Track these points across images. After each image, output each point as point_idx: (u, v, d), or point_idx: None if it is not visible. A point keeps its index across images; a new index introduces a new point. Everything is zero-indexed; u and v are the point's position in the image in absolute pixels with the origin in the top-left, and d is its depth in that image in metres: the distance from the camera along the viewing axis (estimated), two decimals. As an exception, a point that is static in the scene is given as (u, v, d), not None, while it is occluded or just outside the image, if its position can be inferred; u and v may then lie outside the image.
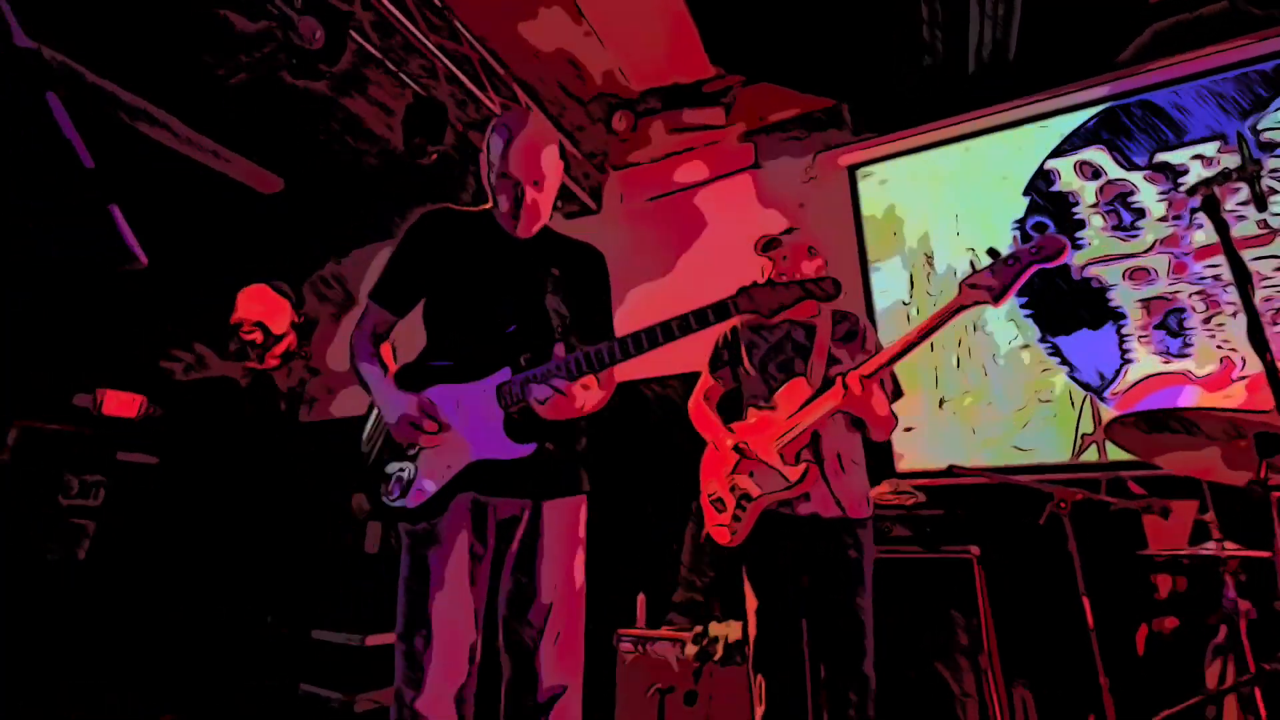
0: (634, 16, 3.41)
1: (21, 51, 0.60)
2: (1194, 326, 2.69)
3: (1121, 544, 2.34)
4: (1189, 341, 2.69)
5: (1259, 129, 2.68)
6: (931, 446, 3.05)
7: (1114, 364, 2.80)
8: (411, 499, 1.44)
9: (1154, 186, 2.85)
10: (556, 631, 1.46)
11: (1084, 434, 2.77)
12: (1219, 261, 2.67)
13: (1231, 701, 1.75)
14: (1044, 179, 3.08)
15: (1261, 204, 1.45)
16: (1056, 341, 2.93)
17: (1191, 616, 2.09)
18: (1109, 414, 2.73)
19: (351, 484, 3.64)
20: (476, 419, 1.44)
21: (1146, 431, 1.49)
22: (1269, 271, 2.58)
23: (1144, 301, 2.80)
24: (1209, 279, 2.69)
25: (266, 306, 3.31)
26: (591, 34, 3.49)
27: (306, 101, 3.60)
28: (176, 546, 3.60)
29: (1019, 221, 3.10)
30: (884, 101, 3.44)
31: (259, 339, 3.21)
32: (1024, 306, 3.02)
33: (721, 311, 1.38)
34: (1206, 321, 2.67)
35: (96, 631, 3.08)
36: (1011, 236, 3.10)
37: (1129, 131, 2.94)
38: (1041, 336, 2.96)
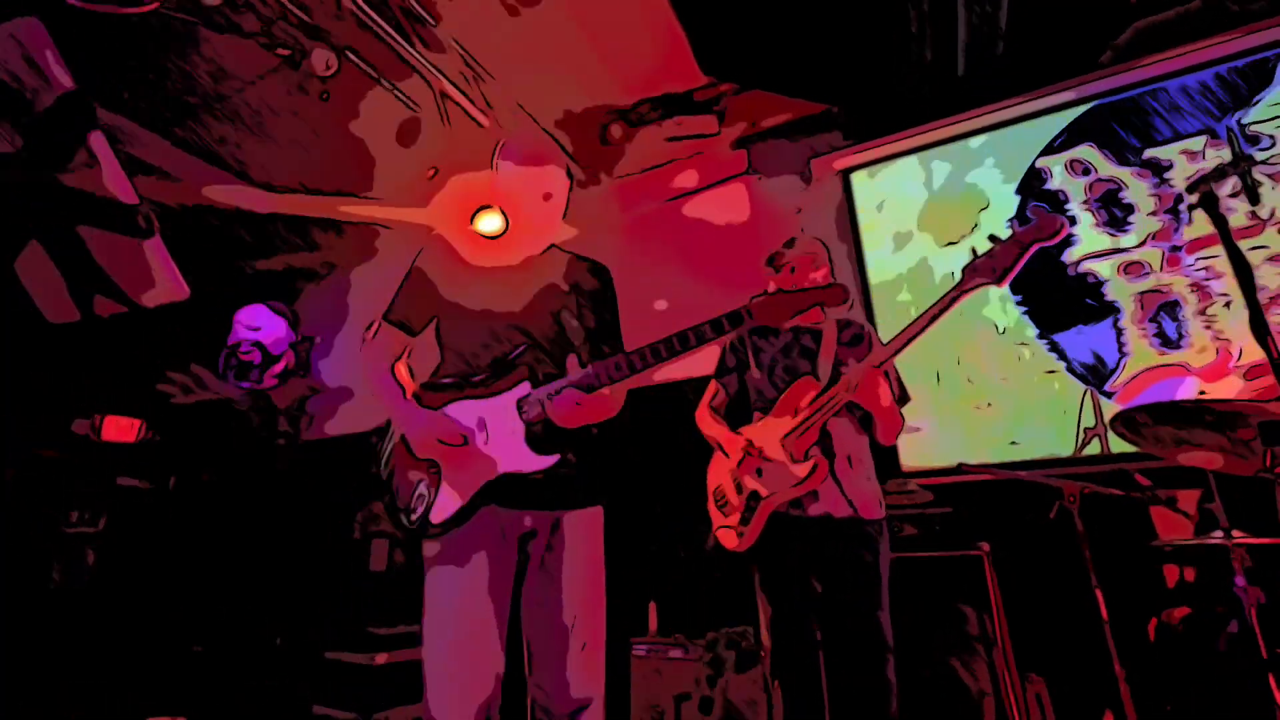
0: (624, 26, 3.44)
1: (68, 94, 0.61)
2: (1189, 318, 2.74)
3: (1131, 535, 2.36)
4: (1184, 333, 2.73)
5: (1244, 123, 2.74)
6: (935, 446, 3.08)
7: (1112, 357, 2.84)
8: (435, 514, 1.45)
9: (1143, 182, 2.90)
10: (581, 643, 1.47)
11: (1086, 428, 2.80)
12: (1211, 253, 2.71)
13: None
14: (1036, 178, 3.13)
15: (1254, 197, 1.48)
16: (1054, 338, 2.96)
17: (1201, 605, 2.11)
18: (1110, 407, 2.77)
19: (357, 501, 3.62)
20: (498, 433, 1.46)
21: (1157, 424, 1.51)
22: (1259, 262, 2.63)
23: (1138, 295, 2.84)
24: (1202, 271, 2.74)
25: (263, 327, 3.30)
26: (582, 43, 3.51)
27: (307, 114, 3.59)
28: (179, 569, 3.56)
29: (1012, 220, 3.15)
30: (876, 105, 3.49)
31: (257, 359, 3.19)
32: (1020, 304, 3.06)
33: (735, 320, 1.40)
34: (1201, 313, 2.72)
35: (101, 653, 3.04)
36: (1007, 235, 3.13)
37: (1117, 129, 2.99)
38: (1040, 333, 2.99)
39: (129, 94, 2.85)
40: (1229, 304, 2.67)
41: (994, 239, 1.70)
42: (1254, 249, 2.64)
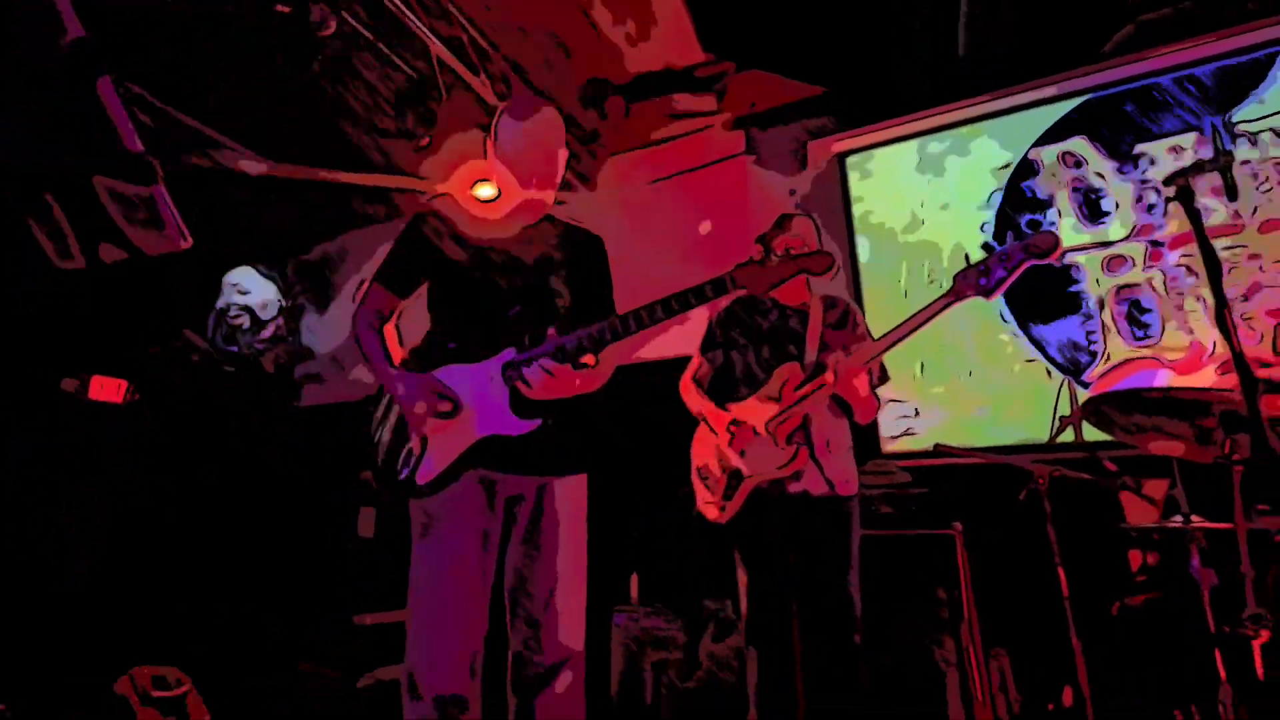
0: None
1: (76, 40, 0.63)
2: (1166, 312, 2.80)
3: (1098, 519, 2.45)
4: (1161, 327, 2.79)
5: (1234, 121, 2.77)
6: (915, 430, 3.15)
7: (1090, 349, 2.91)
8: (421, 475, 1.48)
9: (1130, 176, 2.94)
10: (562, 603, 1.52)
11: (1061, 416, 2.88)
12: (1193, 249, 2.77)
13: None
14: (1028, 168, 3.16)
15: (1233, 194, 1.53)
16: (1034, 328, 3.02)
17: (1161, 587, 2.20)
18: (1086, 397, 2.84)
19: (347, 466, 3.65)
20: (484, 397, 1.49)
21: (1125, 412, 1.57)
22: (1239, 260, 2.68)
23: (1118, 288, 2.89)
24: (1182, 267, 2.79)
25: (252, 291, 3.29)
26: (584, 17, 3.49)
27: (294, 84, 3.55)
28: (172, 534, 3.59)
29: (1000, 209, 3.17)
30: (874, 89, 3.49)
31: (245, 323, 3.18)
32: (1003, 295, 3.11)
33: (719, 287, 1.42)
34: (1179, 308, 2.78)
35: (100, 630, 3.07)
36: (995, 225, 3.17)
37: (1110, 123, 3.01)
38: (1020, 324, 3.05)
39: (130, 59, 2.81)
40: (1204, 299, 2.73)
41: (989, 249, 1.74)
42: (1235, 248, 2.69)
